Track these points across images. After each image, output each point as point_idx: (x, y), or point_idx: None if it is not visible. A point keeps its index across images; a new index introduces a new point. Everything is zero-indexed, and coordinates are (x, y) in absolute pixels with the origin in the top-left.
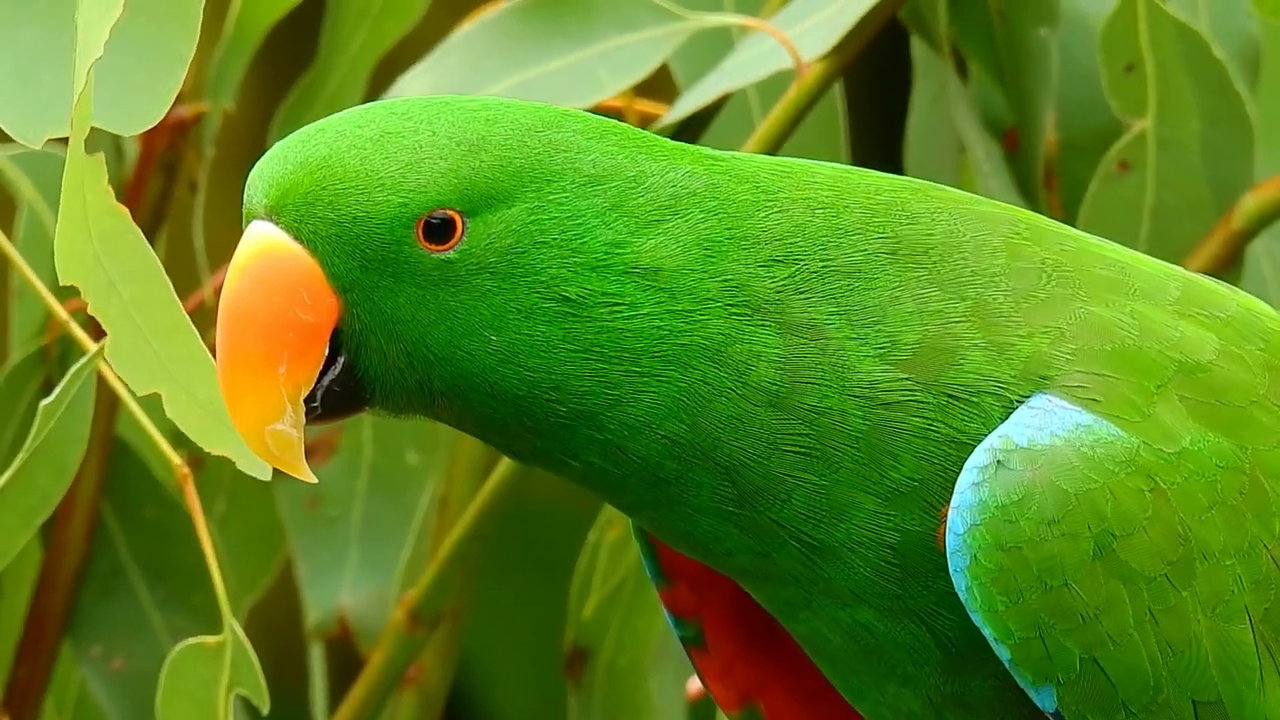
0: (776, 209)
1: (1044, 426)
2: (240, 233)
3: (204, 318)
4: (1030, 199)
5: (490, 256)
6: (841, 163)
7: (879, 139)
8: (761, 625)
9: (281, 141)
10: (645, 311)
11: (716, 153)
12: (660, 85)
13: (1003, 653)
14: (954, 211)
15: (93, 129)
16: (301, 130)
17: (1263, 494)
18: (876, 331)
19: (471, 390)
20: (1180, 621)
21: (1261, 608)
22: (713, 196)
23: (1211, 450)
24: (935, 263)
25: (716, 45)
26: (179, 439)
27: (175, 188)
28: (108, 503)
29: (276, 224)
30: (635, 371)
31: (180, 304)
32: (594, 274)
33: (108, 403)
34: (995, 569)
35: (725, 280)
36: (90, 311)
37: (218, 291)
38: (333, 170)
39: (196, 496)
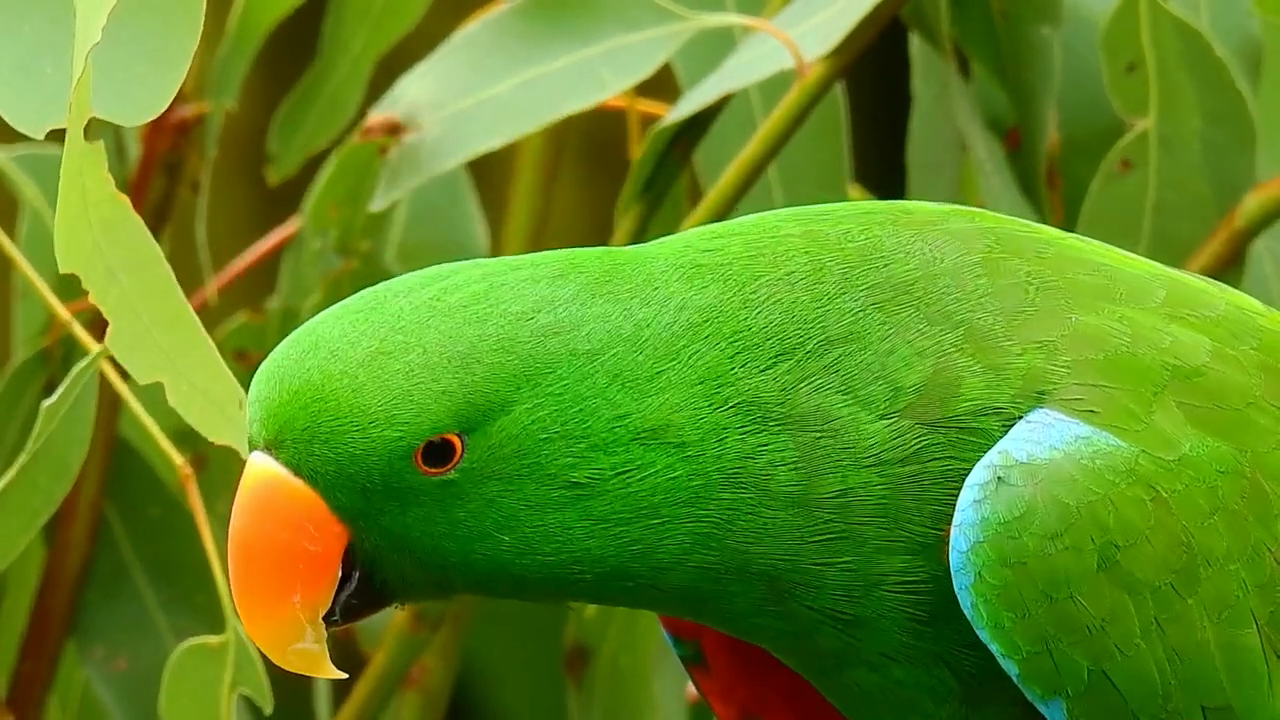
0: (764, 300)
1: (1043, 440)
2: (240, 236)
3: (206, 318)
4: (1032, 198)
5: (494, 465)
6: (843, 163)
7: (881, 139)
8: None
9: (278, 353)
10: (659, 468)
11: (699, 252)
12: (662, 85)
13: (1011, 668)
14: (928, 237)
15: (96, 126)
16: (297, 339)
17: (1263, 497)
18: (880, 388)
19: (492, 582)
20: (1186, 629)
21: (1267, 611)
22: (706, 320)
23: (1211, 456)
24: (920, 298)
25: (719, 45)
26: (181, 439)
27: (178, 188)
28: (111, 503)
29: (276, 458)
30: (656, 523)
31: (181, 292)
32: (601, 453)
33: (110, 403)
34: (1000, 585)
35: (734, 405)
36: (91, 300)
37: (220, 291)
38: (327, 405)
39: (199, 496)
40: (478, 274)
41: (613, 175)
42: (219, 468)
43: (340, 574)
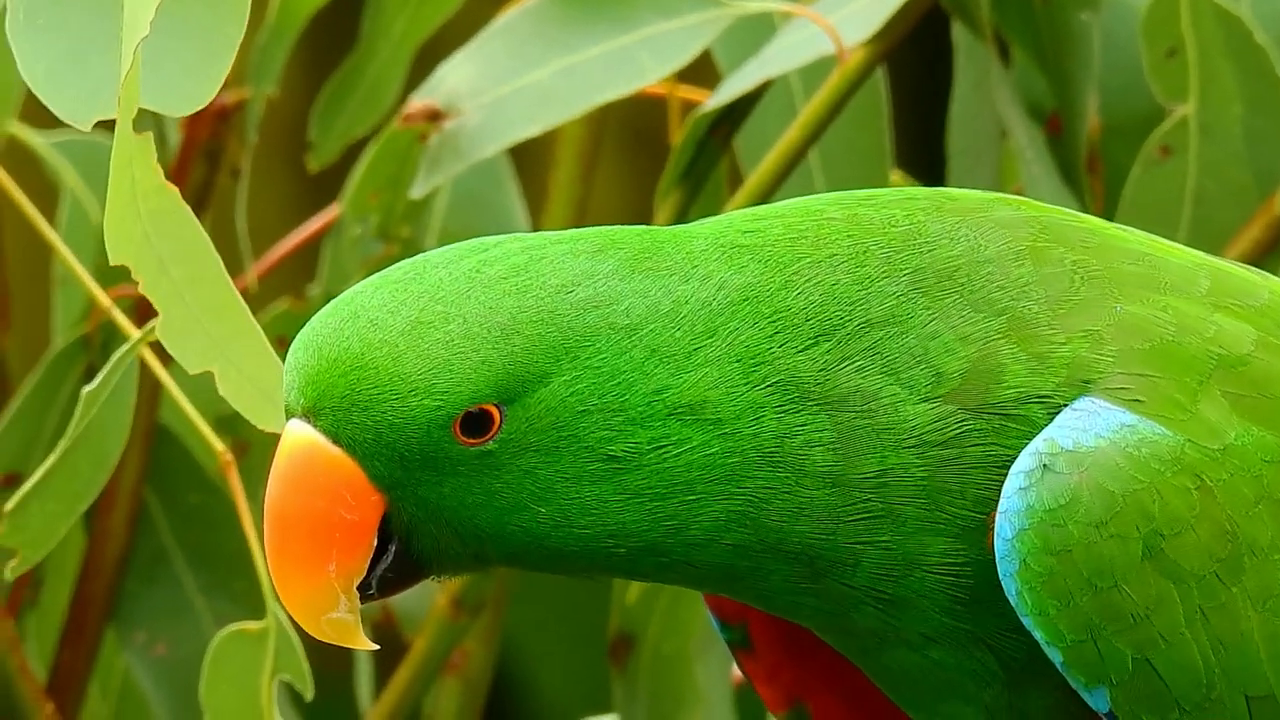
0: (804, 281)
1: (1088, 428)
2: (281, 222)
3: (247, 304)
4: (1073, 184)
5: (532, 437)
6: (885, 149)
7: (921, 124)
8: (808, 631)
9: (316, 322)
10: (695, 444)
11: (739, 233)
12: (702, 71)
13: (1055, 656)
14: (972, 224)
15: (139, 113)
16: (335, 309)
17: None
18: (921, 372)
19: (527, 555)
20: (1231, 618)
21: None
22: (745, 299)
23: (1256, 445)
24: (963, 284)
25: (759, 31)
26: (222, 425)
27: (218, 174)
28: (151, 489)
29: (314, 425)
30: (691, 499)
31: (231, 282)
32: (638, 427)
33: (150, 389)
34: (1045, 573)
35: (771, 384)
36: (141, 291)
37: (260, 277)
38: (366, 373)
39: (240, 483)
40: (517, 247)
41: (653, 161)
42: (260, 454)
43: (376, 545)
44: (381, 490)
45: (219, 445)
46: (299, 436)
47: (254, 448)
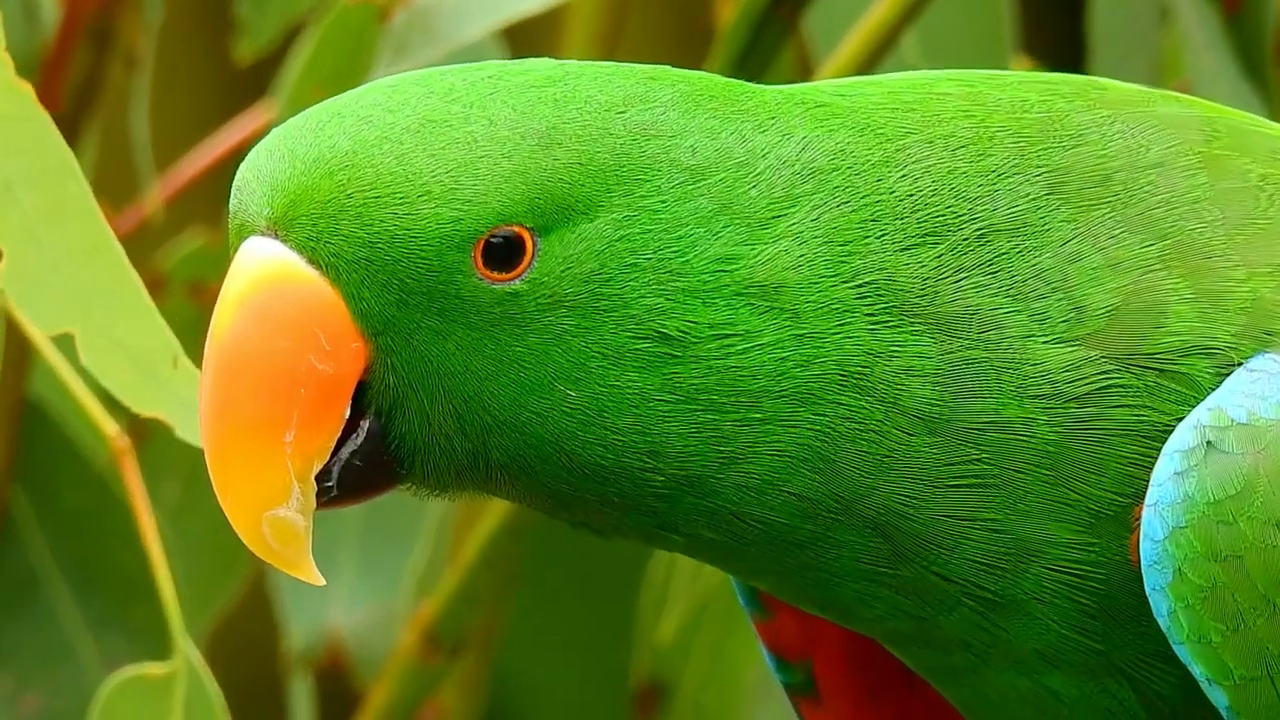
0: (911, 161)
1: (1268, 395)
2: (195, 129)
3: (148, 241)
4: (1257, 79)
5: (568, 286)
6: (1005, 32)
7: (1056, 2)
8: (891, 668)
9: (281, 128)
10: (765, 341)
11: (827, 94)
12: None
13: (1218, 697)
14: (1129, 119)
15: None
16: (308, 113)
17: None
18: (1057, 302)
19: (541, 462)
20: None
21: None
22: (836, 168)
23: None
24: (1117, 195)
25: None
26: (115, 402)
27: (109, 64)
28: (18, 487)
29: (283, 242)
30: (754, 418)
31: (102, 214)
32: (699, 301)
33: (18, 354)
34: (1207, 586)
35: (863, 282)
36: None
37: (167, 202)
38: (361, 171)
39: (138, 479)
40: (550, 63)
41: (692, 51)
42: (164, 441)
43: (348, 418)
44: (367, 336)
45: (111, 428)
46: (260, 254)
47: (157, 431)
